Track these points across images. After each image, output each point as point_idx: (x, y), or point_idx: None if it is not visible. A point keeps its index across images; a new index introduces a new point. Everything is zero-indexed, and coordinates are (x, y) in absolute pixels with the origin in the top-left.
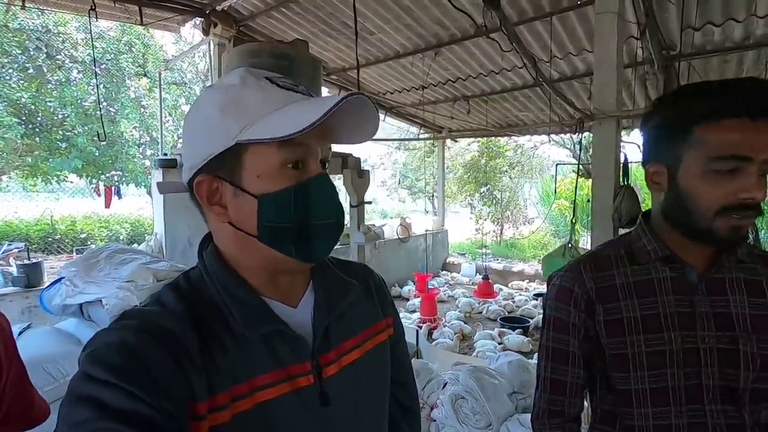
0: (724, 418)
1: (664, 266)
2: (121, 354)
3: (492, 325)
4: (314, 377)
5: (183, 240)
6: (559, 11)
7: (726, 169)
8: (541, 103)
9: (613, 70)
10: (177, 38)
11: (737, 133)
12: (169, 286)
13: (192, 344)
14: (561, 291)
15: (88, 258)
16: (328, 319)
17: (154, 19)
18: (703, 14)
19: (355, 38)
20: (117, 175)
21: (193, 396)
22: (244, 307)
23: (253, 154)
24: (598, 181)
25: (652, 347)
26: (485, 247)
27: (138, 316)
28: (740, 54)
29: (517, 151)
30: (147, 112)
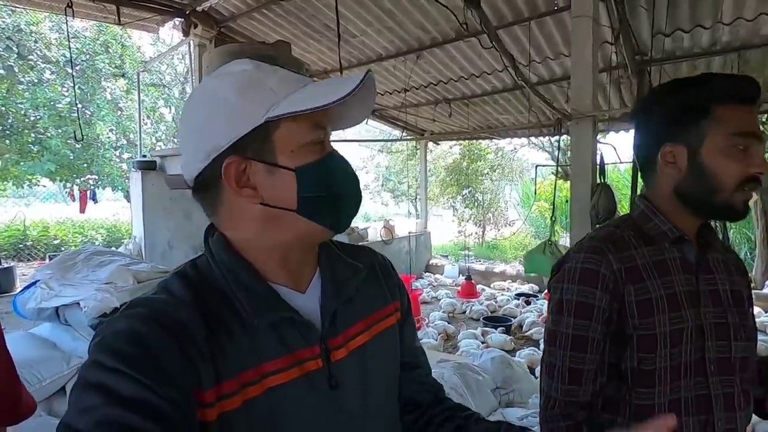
0: (722, 387)
1: (672, 246)
2: (129, 342)
3: (475, 324)
4: (323, 361)
5: (163, 243)
6: (537, 16)
7: (742, 146)
8: (521, 106)
9: (588, 72)
10: (155, 39)
11: (747, 113)
12: (176, 274)
13: (199, 332)
14: (585, 273)
15: (65, 260)
16: (335, 304)
17: (132, 18)
18: (673, 21)
19: (337, 41)
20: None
21: (199, 384)
22: (252, 294)
23: (285, 131)
24: (576, 179)
25: (673, 325)
26: (468, 248)
27: (146, 304)
28: (708, 59)
29: (498, 153)
30: (124, 114)
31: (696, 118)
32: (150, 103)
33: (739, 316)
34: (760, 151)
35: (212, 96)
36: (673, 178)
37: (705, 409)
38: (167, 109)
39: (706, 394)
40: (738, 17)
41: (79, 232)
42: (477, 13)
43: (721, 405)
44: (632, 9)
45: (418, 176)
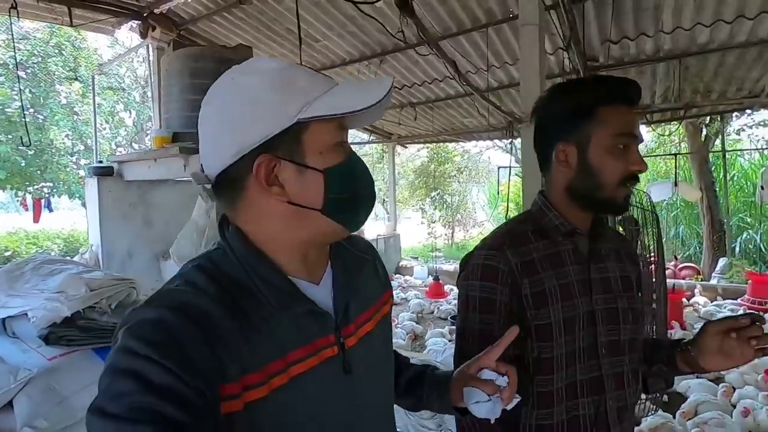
0: (611, 368)
1: (566, 239)
2: (159, 331)
3: (443, 323)
4: (338, 348)
5: (122, 251)
6: (495, 23)
7: (623, 145)
8: (483, 110)
9: (536, 77)
10: (113, 41)
11: (627, 115)
12: (195, 267)
13: (225, 324)
14: (486, 269)
15: (12, 270)
16: (349, 295)
17: (86, 20)
18: (619, 29)
19: (299, 45)
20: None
21: (224, 376)
22: (274, 288)
23: (314, 132)
24: (528, 178)
25: (566, 313)
26: (437, 250)
27: (173, 295)
28: (653, 65)
29: (464, 156)
30: (80, 118)
31: (583, 118)
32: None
33: (628, 300)
34: (638, 150)
35: (245, 93)
36: (566, 175)
37: (598, 389)
38: (127, 113)
39: (598, 376)
40: (677, 27)
41: (33, 242)
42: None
43: (611, 384)
44: (581, 17)
45: (387, 179)
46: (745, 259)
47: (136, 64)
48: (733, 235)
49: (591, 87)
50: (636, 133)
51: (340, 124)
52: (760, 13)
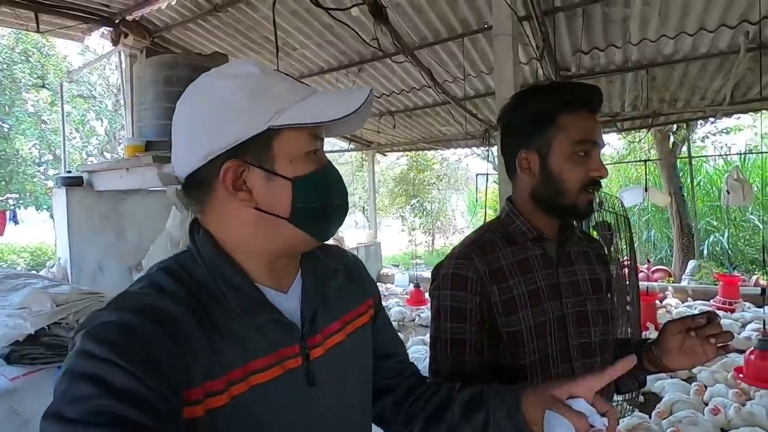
0: (584, 370)
1: (534, 244)
2: (121, 333)
3: (424, 330)
4: (302, 359)
5: (92, 264)
6: (470, 33)
7: (583, 152)
8: (461, 118)
9: (510, 86)
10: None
11: (588, 121)
12: (162, 269)
13: (189, 327)
14: (456, 278)
15: None
16: (316, 305)
17: (54, 26)
18: (590, 40)
19: (276, 53)
20: (12, 198)
21: (189, 381)
22: (240, 294)
23: (286, 140)
24: (504, 185)
25: (537, 319)
26: (418, 257)
27: (135, 298)
28: (622, 75)
29: (443, 163)
30: (49, 127)
31: (544, 126)
32: (79, 116)
33: (597, 302)
34: (599, 155)
35: (219, 96)
36: (529, 182)
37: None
38: (99, 122)
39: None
40: (644, 38)
41: None
42: (387, 29)
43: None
44: (553, 29)
45: (367, 187)
46: (712, 261)
47: (108, 72)
48: (701, 238)
49: (552, 94)
50: (596, 139)
51: (314, 132)
52: (719, 26)
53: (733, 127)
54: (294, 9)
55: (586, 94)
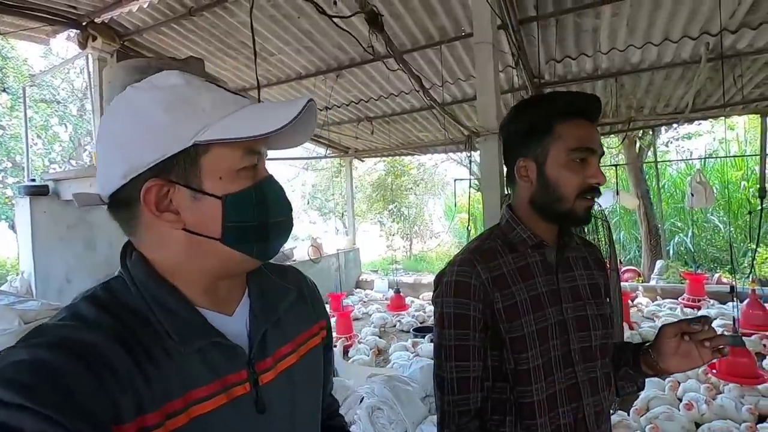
0: (587, 374)
1: (534, 251)
2: (32, 373)
3: (406, 336)
4: (250, 385)
5: (59, 277)
6: (448, 41)
7: (579, 159)
8: (438, 124)
9: (492, 92)
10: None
11: (584, 129)
12: (86, 298)
13: (118, 359)
14: (459, 286)
15: None
16: (264, 326)
17: (15, 28)
18: (562, 49)
19: (254, 58)
20: None
21: (118, 417)
22: (176, 319)
23: (215, 156)
24: (486, 191)
25: (539, 324)
26: (396, 262)
27: (51, 331)
28: (593, 83)
29: (420, 169)
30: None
31: (541, 134)
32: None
33: (597, 306)
34: (597, 162)
35: (136, 111)
36: (528, 190)
37: (575, 396)
38: (63, 128)
39: (575, 383)
40: (612, 47)
41: None
42: (382, 36)
43: (588, 390)
44: (528, 38)
45: (345, 193)
46: (678, 261)
47: (72, 76)
48: (666, 238)
49: (549, 103)
50: (592, 146)
51: (249, 147)
52: (682, 37)
53: (694, 133)
54: (272, 14)
55: (582, 103)
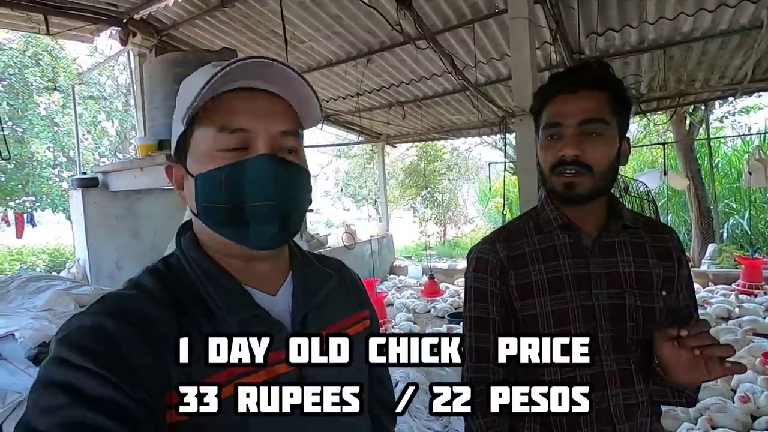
0: (617, 365)
1: (564, 233)
2: (96, 339)
3: (440, 322)
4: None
5: (110, 264)
6: (480, 18)
7: (551, 136)
8: (471, 107)
9: (528, 70)
10: (92, 50)
11: (558, 106)
12: (147, 270)
13: (171, 331)
14: (479, 262)
15: None
16: (306, 308)
17: (63, 28)
18: (604, 21)
19: (285, 46)
20: (29, 201)
21: (170, 384)
22: (223, 291)
23: (197, 136)
24: (522, 174)
25: (556, 306)
26: (430, 248)
27: (115, 300)
28: (637, 56)
29: (454, 153)
30: (62, 130)
31: (537, 119)
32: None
33: (641, 297)
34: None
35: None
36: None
37: (599, 386)
38: (110, 123)
39: (600, 372)
40: (661, 17)
41: (17, 259)
42: (410, 14)
43: (616, 381)
44: (567, 11)
45: (377, 179)
46: (733, 244)
47: (117, 72)
48: (720, 221)
49: (545, 86)
50: (559, 120)
51: (219, 125)
52: (741, 1)
53: (753, 106)
54: (301, 1)
55: (561, 77)
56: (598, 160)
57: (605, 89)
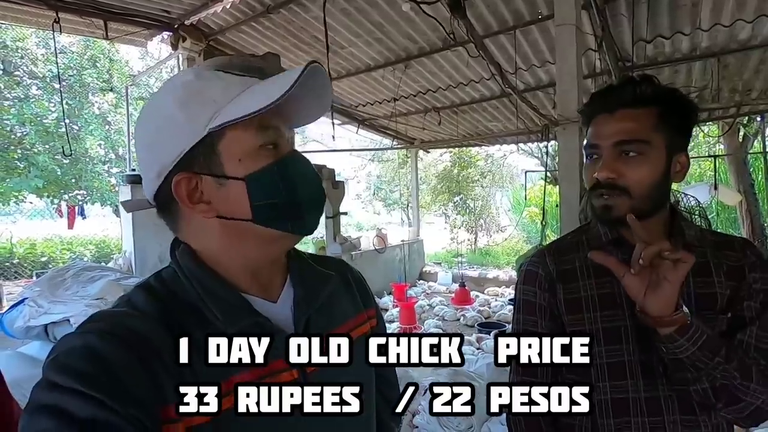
0: (673, 389)
1: (616, 249)
2: (85, 359)
3: (470, 331)
4: (298, 372)
5: (153, 257)
6: (522, 25)
7: (590, 156)
8: (509, 113)
9: (573, 78)
10: (143, 53)
11: (596, 126)
12: (140, 286)
13: (164, 345)
14: (528, 275)
15: (54, 277)
16: (308, 312)
17: (120, 33)
18: (654, 28)
19: (326, 52)
20: (81, 194)
21: (164, 399)
22: (222, 302)
23: (230, 140)
24: (564, 183)
25: (607, 323)
26: (460, 255)
27: (105, 318)
28: (689, 64)
29: (488, 160)
30: (113, 128)
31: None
32: None
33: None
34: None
35: (156, 112)
36: None
37: (655, 411)
38: None
39: (655, 396)
40: (716, 23)
41: (67, 248)
42: (463, 23)
43: (673, 407)
44: (614, 17)
45: (410, 184)
46: None
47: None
48: None
49: (587, 104)
50: (596, 141)
51: (261, 125)
52: None
53: None
54: (344, 7)
55: (600, 97)
56: (636, 183)
57: (649, 105)
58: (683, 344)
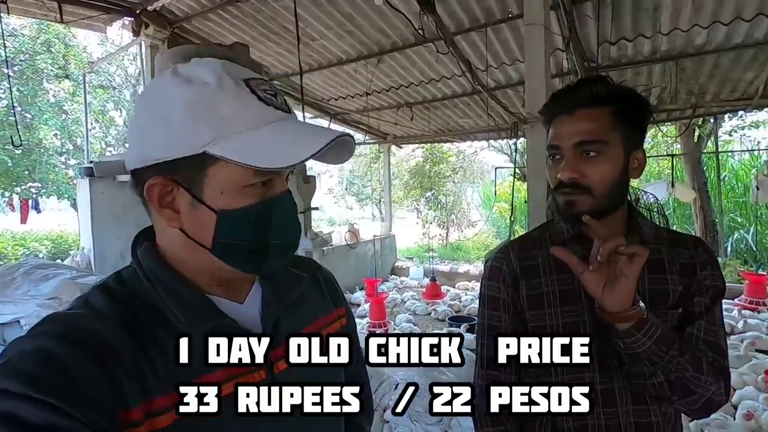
0: (628, 381)
1: (578, 245)
2: (38, 363)
3: (441, 325)
4: (265, 372)
5: (114, 254)
6: (494, 23)
7: (553, 156)
8: (480, 110)
9: (542, 77)
10: (103, 39)
11: (556, 127)
12: (98, 287)
13: (124, 347)
14: (493, 271)
15: (3, 276)
16: (276, 312)
17: (76, 17)
18: (618, 30)
19: (297, 43)
20: (35, 187)
21: (125, 402)
22: (185, 303)
23: (221, 168)
24: (532, 180)
25: (566, 318)
26: (432, 250)
27: (60, 320)
28: (650, 67)
29: (460, 156)
30: (70, 117)
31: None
32: (98, 106)
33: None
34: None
35: (161, 103)
36: None
37: (609, 402)
38: (117, 112)
39: (609, 388)
40: (675, 28)
41: (21, 244)
42: (433, 18)
43: (626, 398)
44: (581, 18)
45: (382, 179)
46: (737, 259)
47: (126, 62)
48: (725, 235)
49: (547, 105)
50: (556, 142)
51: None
52: (756, 15)
53: (763, 121)
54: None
55: (560, 98)
56: (597, 182)
57: (605, 104)
58: (640, 339)
